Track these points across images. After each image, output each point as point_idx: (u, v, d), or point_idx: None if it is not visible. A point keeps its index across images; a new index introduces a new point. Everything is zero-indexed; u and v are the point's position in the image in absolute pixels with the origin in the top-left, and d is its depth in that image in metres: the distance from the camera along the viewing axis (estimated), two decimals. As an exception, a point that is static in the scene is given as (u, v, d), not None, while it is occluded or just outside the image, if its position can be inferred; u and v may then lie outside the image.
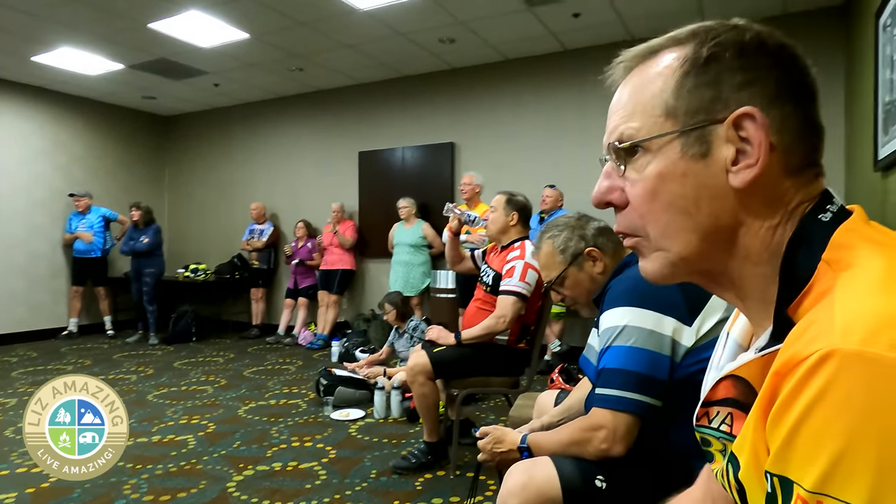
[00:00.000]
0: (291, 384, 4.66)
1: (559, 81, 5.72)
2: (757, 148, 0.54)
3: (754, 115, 0.53)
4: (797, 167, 0.56)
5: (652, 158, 0.57)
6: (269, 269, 7.17)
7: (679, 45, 0.59)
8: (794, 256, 0.53)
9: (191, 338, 6.67)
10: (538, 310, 2.91)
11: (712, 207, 0.56)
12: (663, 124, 0.57)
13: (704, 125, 0.55)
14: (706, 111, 0.55)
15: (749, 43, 0.56)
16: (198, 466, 2.91)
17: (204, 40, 5.31)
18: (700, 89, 0.56)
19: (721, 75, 0.55)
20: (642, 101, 0.59)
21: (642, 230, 0.60)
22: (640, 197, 0.59)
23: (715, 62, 0.56)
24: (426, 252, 5.97)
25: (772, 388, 0.46)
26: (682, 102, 0.56)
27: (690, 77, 0.56)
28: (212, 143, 7.97)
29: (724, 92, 0.55)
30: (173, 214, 8.26)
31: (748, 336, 0.66)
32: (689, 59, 0.57)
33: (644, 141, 0.57)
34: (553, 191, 5.21)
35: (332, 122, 7.01)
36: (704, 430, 0.64)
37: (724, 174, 0.55)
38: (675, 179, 0.56)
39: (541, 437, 1.41)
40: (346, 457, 3.06)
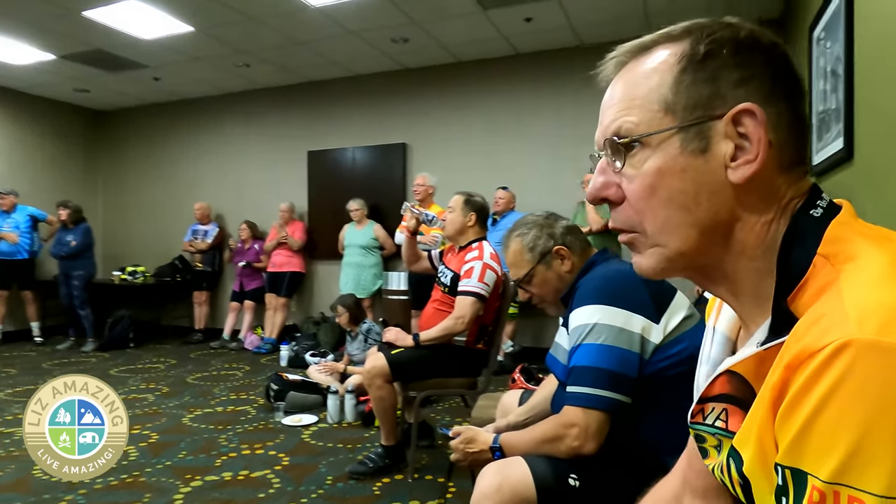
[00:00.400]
0: (239, 390, 4.50)
1: (511, 85, 5.78)
2: (756, 144, 0.54)
3: (754, 112, 0.54)
4: (789, 163, 0.57)
5: (651, 154, 0.57)
6: (214, 272, 6.91)
7: (673, 41, 0.59)
8: (790, 251, 0.54)
9: (128, 344, 6.34)
10: (496, 310, 2.92)
11: (711, 203, 0.56)
12: (662, 119, 0.57)
13: (703, 121, 0.56)
14: (705, 107, 0.56)
15: (744, 40, 0.56)
16: (141, 479, 2.76)
17: (145, 32, 5.07)
18: (698, 85, 0.56)
19: (718, 72, 0.56)
20: (640, 95, 0.59)
21: (639, 226, 0.60)
22: (638, 192, 0.58)
23: (712, 59, 0.56)
24: (378, 254, 5.90)
25: (782, 380, 0.46)
26: (680, 98, 0.56)
27: (688, 73, 0.57)
28: (151, 139, 7.62)
29: (721, 88, 0.56)
30: (109, 214, 7.84)
31: (735, 329, 0.67)
32: (686, 55, 0.57)
33: (644, 136, 0.57)
34: (506, 193, 5.26)
35: (280, 120, 6.84)
36: (699, 426, 0.64)
37: (722, 170, 0.55)
38: (675, 175, 0.56)
39: (513, 436, 1.41)
40: (300, 463, 2.97)
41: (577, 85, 5.51)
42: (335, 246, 6.09)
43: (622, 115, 0.59)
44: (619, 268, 1.45)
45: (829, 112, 2.89)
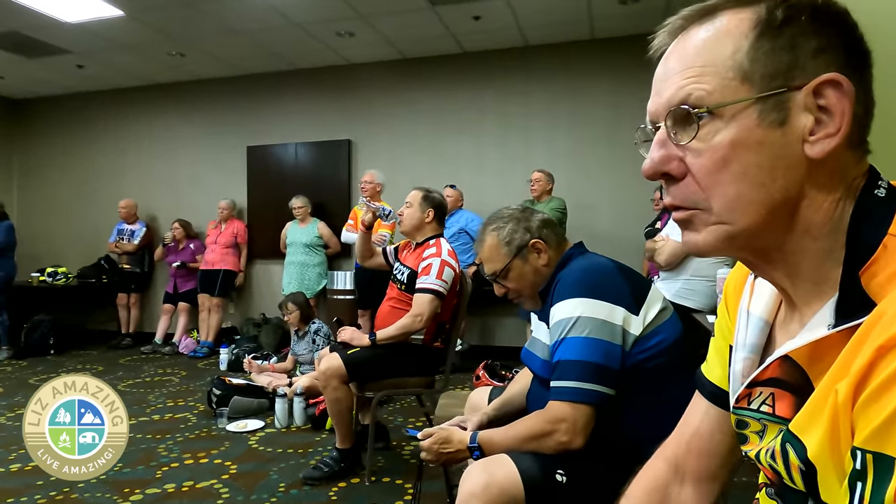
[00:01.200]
0: (176, 396, 4.26)
1: (458, 83, 5.77)
2: (839, 117, 0.52)
3: (840, 82, 0.51)
4: (858, 140, 0.55)
5: (724, 126, 0.54)
6: (143, 273, 6.53)
7: (743, 6, 0.55)
8: (858, 230, 0.53)
9: (48, 350, 5.88)
10: (454, 308, 2.88)
11: (786, 179, 0.53)
12: (738, 88, 0.53)
13: (783, 91, 0.52)
14: (784, 76, 0.53)
15: (821, 7, 0.54)
16: (72, 496, 2.55)
17: (68, 14, 4.71)
18: (777, 53, 0.53)
19: (797, 39, 0.53)
20: (712, 62, 0.54)
21: (704, 202, 0.56)
22: (706, 167, 0.55)
23: (790, 25, 0.53)
24: (322, 252, 5.75)
25: (870, 363, 0.44)
26: (758, 66, 0.53)
27: (766, 39, 0.53)
28: (72, 131, 7.11)
29: (801, 57, 0.53)
30: (24, 211, 7.25)
31: (773, 311, 0.65)
32: (762, 20, 0.54)
33: (718, 107, 0.54)
34: (453, 191, 5.24)
35: (217, 114, 6.54)
36: (743, 412, 0.63)
37: (800, 144, 0.53)
38: (751, 148, 0.53)
39: (493, 434, 1.37)
40: (249, 471, 2.83)
41: (523, 85, 5.58)
42: (276, 244, 5.88)
43: (691, 82, 0.55)
44: (597, 260, 1.44)
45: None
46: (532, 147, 5.53)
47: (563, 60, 5.43)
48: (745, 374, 0.64)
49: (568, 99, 5.47)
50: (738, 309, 0.69)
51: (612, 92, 5.31)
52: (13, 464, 2.92)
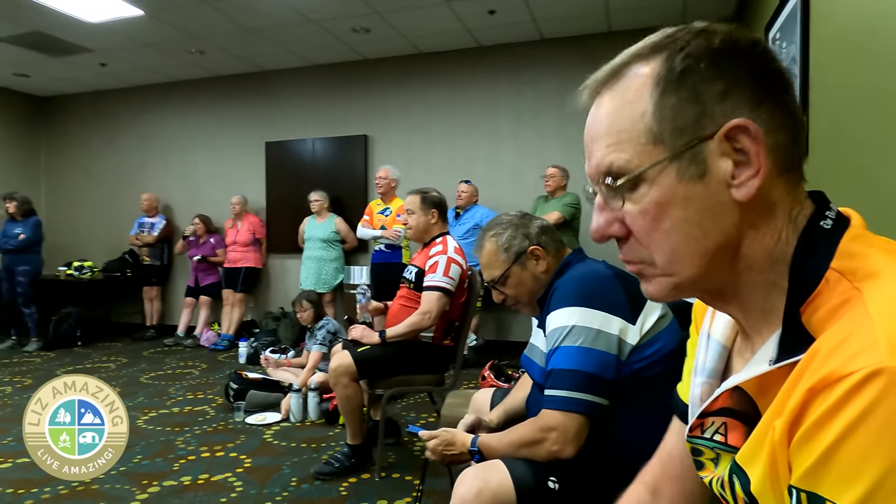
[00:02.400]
0: (196, 389, 4.36)
1: (471, 77, 5.76)
2: (756, 157, 0.52)
3: (747, 127, 0.52)
4: (787, 166, 0.55)
5: (649, 188, 0.55)
6: (163, 266, 6.67)
7: (645, 60, 0.56)
8: (802, 264, 0.53)
9: (75, 342, 6.06)
10: (462, 305, 2.90)
11: (718, 227, 0.54)
12: (652, 152, 0.54)
13: (695, 144, 0.53)
14: (693, 129, 0.53)
15: (720, 48, 0.53)
16: (93, 487, 2.63)
17: (90, 14, 4.80)
18: (682, 107, 0.53)
19: (699, 87, 0.53)
20: (624, 128, 0.55)
21: (648, 258, 0.57)
22: (643, 227, 0.56)
23: (690, 75, 0.53)
24: (339, 247, 5.80)
25: (803, 403, 0.45)
26: (666, 124, 0.54)
27: (668, 95, 0.53)
28: (97, 128, 7.27)
29: (707, 105, 0.53)
30: (52, 205, 7.45)
31: (731, 337, 0.66)
32: (662, 75, 0.54)
33: (638, 174, 0.55)
34: (468, 186, 5.24)
35: (236, 110, 6.62)
36: (697, 440, 0.64)
37: (725, 190, 0.53)
38: (678, 205, 0.54)
39: (492, 439, 1.39)
40: (263, 465, 2.90)
41: (538, 79, 5.54)
42: (294, 239, 5.96)
43: (611, 151, 0.56)
44: (595, 268, 1.44)
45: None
46: (546, 142, 5.50)
47: (580, 54, 5.37)
48: (703, 399, 0.64)
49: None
50: (700, 331, 0.70)
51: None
52: (39, 454, 3.02)
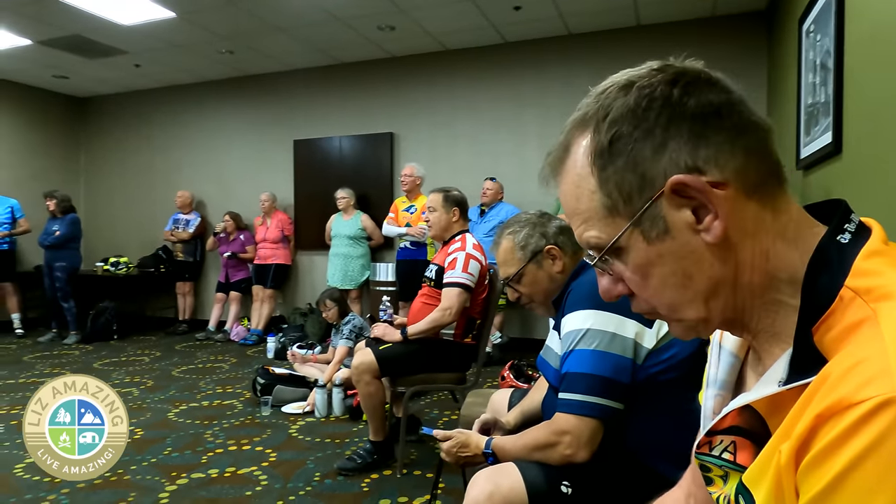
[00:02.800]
0: (225, 383, 4.46)
1: (497, 74, 5.73)
2: (709, 203, 0.52)
3: (684, 182, 0.51)
4: (758, 182, 0.53)
5: (626, 253, 0.56)
6: (196, 262, 6.83)
7: (581, 133, 0.57)
8: (815, 281, 0.51)
9: (112, 336, 6.26)
10: (484, 302, 2.90)
11: (701, 271, 0.54)
12: (614, 223, 0.55)
13: (648, 206, 0.53)
14: (639, 194, 0.53)
15: (640, 103, 0.53)
16: (125, 477, 2.72)
17: (124, 17, 4.94)
18: (622, 176, 0.54)
19: (631, 152, 0.53)
20: (584, 208, 0.57)
21: (654, 309, 0.59)
22: (637, 286, 0.58)
23: (618, 142, 0.53)
24: (365, 244, 5.86)
25: (811, 428, 0.44)
26: (615, 195, 0.54)
27: (606, 169, 0.54)
28: (132, 127, 7.47)
29: (643, 167, 0.53)
30: (90, 203, 7.70)
31: (743, 348, 0.65)
32: (594, 151, 0.55)
33: (611, 245, 0.56)
34: (493, 183, 5.23)
35: (264, 108, 6.73)
36: (705, 457, 0.62)
37: (694, 236, 0.53)
38: (656, 263, 0.55)
39: (506, 441, 1.39)
40: (288, 459, 2.95)
41: (564, 75, 5.48)
42: (322, 236, 6.04)
43: (583, 229, 0.58)
44: (611, 270, 1.42)
45: (818, 105, 2.89)
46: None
47: (607, 49, 5.30)
48: (716, 412, 0.63)
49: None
50: (712, 340, 0.68)
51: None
52: (75, 445, 3.14)
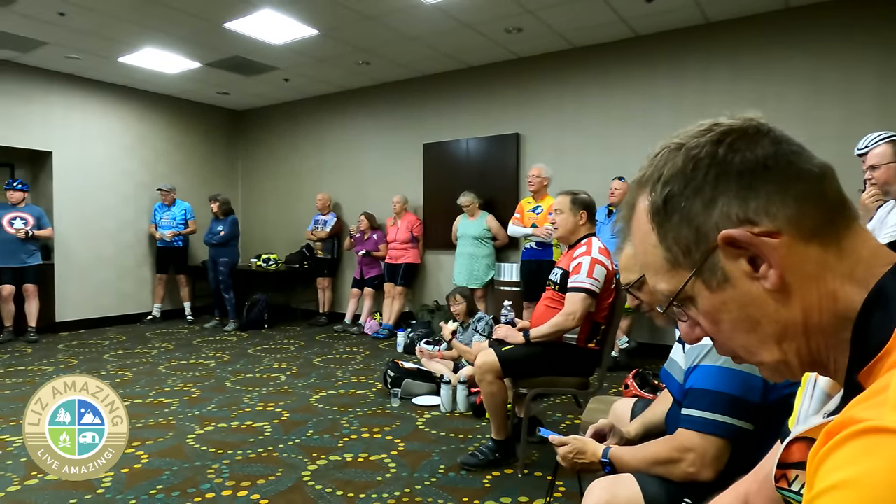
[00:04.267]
0: (359, 374, 4.78)
1: (627, 69, 5.53)
2: (761, 252, 0.53)
3: (732, 236, 0.53)
4: (813, 227, 0.54)
5: (694, 301, 0.59)
6: (334, 259, 7.36)
7: (641, 194, 0.61)
8: (868, 319, 0.50)
9: (263, 325, 6.96)
10: (609, 307, 2.85)
11: (767, 315, 0.55)
12: (678, 274, 0.58)
13: (706, 258, 0.56)
14: (696, 246, 0.56)
15: (689, 164, 0.56)
16: (274, 454, 3.04)
17: (275, 37, 5.45)
18: (678, 231, 0.57)
19: (685, 209, 0.56)
20: (650, 261, 0.61)
21: (734, 352, 0.61)
22: (710, 332, 0.60)
23: (672, 200, 0.57)
24: (490, 244, 5.95)
25: (818, 446, 0.45)
26: (675, 250, 0.58)
27: (664, 226, 0.58)
28: (280, 136, 8.22)
29: (698, 222, 0.56)
30: (246, 205, 8.60)
31: (835, 387, 0.64)
32: (652, 209, 0.59)
33: (679, 296, 0.59)
34: (622, 183, 5.07)
35: (396, 114, 7.08)
36: (786, 492, 0.62)
37: (753, 283, 0.55)
38: (721, 309, 0.57)
39: (624, 452, 1.38)
40: (415, 450, 3.11)
41: (702, 67, 5.16)
42: (448, 236, 6.23)
43: (653, 281, 0.62)
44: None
45: None
46: (712, 133, 5.10)
47: (751, 35, 4.90)
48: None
49: (755, 77, 4.93)
50: (808, 377, 0.67)
51: (811, 66, 4.67)
52: (234, 421, 3.56)
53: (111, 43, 5.66)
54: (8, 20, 5.08)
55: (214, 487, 2.63)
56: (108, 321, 7.05)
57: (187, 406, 3.87)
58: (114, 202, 7.16)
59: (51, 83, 6.59)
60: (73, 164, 6.78)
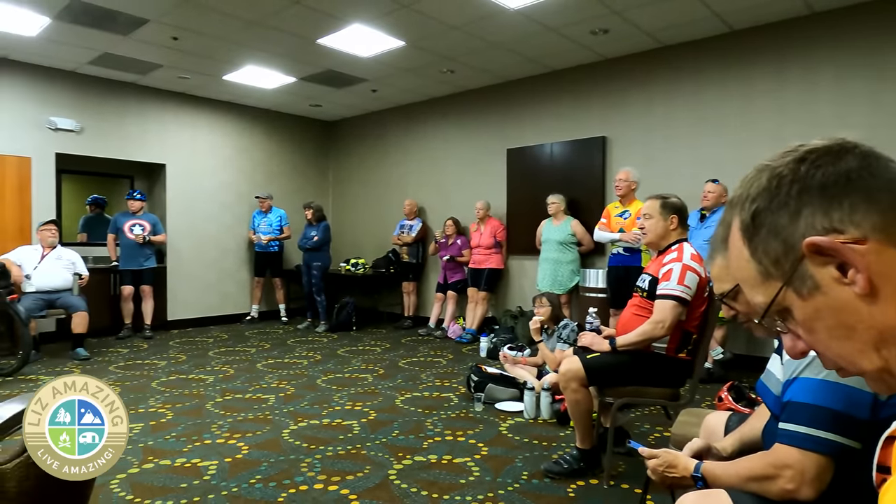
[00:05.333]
0: (443, 377, 4.85)
1: (721, 66, 5.27)
2: (847, 258, 0.55)
3: (816, 243, 0.55)
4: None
5: (790, 312, 0.61)
6: (419, 264, 7.52)
7: (733, 214, 0.65)
8: None
9: (351, 327, 7.22)
10: (702, 316, 2.73)
11: (863, 321, 0.56)
12: (771, 286, 0.61)
13: (795, 268, 0.58)
14: (785, 257, 0.59)
15: (772, 181, 0.60)
16: (362, 452, 3.16)
17: (364, 50, 5.67)
18: (767, 244, 0.60)
19: (773, 223, 0.59)
20: (745, 276, 0.64)
21: (837, 364, 0.61)
22: (810, 342, 0.61)
23: (759, 216, 0.61)
24: (575, 249, 5.85)
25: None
26: (765, 262, 0.61)
27: (754, 242, 0.61)
28: (368, 144, 8.52)
29: (785, 233, 0.59)
30: (336, 212, 8.97)
31: None
32: (742, 227, 0.63)
33: (775, 307, 0.61)
34: (716, 186, 4.83)
35: (480, 120, 7.14)
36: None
37: (844, 289, 0.56)
38: (815, 318, 0.58)
39: (717, 467, 1.33)
40: (498, 455, 3.12)
41: (804, 60, 4.83)
42: (532, 241, 6.19)
43: (750, 295, 0.65)
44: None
45: None
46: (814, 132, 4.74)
47: (861, 24, 4.53)
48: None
49: (864, 74, 4.53)
50: None
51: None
52: (324, 419, 3.73)
53: (217, 63, 6.12)
54: (130, 46, 5.62)
55: (307, 480, 2.77)
56: (212, 320, 7.59)
57: (282, 402, 4.09)
58: (216, 209, 7.71)
59: (165, 102, 7.21)
60: (182, 174, 7.38)
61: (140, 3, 4.65)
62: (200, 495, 2.61)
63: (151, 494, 2.61)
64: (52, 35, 5.33)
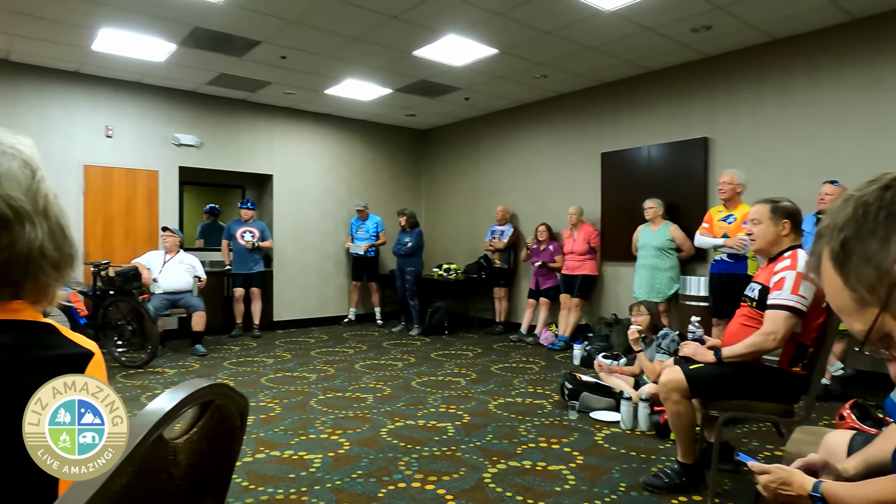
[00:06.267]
0: (536, 384, 4.83)
1: (841, 57, 4.87)
2: None
3: None
4: None
5: (892, 339, 0.62)
6: (510, 269, 7.52)
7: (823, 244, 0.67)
8: None
9: (443, 331, 7.35)
10: (819, 328, 2.54)
11: None
12: (868, 313, 0.62)
13: (891, 293, 0.60)
14: (879, 282, 0.60)
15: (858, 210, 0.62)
16: (457, 454, 3.22)
17: (457, 60, 5.79)
18: (860, 271, 0.62)
19: (864, 250, 0.62)
20: (842, 306, 0.66)
21: None
22: None
23: (848, 244, 0.63)
24: (674, 256, 5.62)
25: None
26: (860, 290, 0.63)
27: (846, 270, 0.63)
28: (460, 152, 8.64)
29: (876, 259, 0.60)
30: (428, 218, 9.18)
31: None
32: (832, 256, 0.65)
33: (875, 333, 0.63)
34: (835, 188, 4.47)
35: (573, 124, 7.04)
36: None
37: None
38: None
39: (840, 488, 1.25)
40: (594, 465, 3.07)
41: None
42: (628, 247, 6.02)
43: (849, 324, 0.67)
44: None
45: None
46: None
47: None
48: None
49: None
50: None
51: None
52: (420, 419, 3.83)
53: (320, 78, 6.47)
54: (242, 67, 6.08)
55: (405, 478, 2.87)
56: (313, 322, 8.00)
57: (380, 402, 4.25)
58: (318, 216, 8.13)
59: (272, 116, 7.72)
60: (287, 184, 7.86)
61: (253, 27, 5.03)
62: (308, 486, 2.77)
63: (264, 482, 2.81)
64: (178, 59, 5.87)
